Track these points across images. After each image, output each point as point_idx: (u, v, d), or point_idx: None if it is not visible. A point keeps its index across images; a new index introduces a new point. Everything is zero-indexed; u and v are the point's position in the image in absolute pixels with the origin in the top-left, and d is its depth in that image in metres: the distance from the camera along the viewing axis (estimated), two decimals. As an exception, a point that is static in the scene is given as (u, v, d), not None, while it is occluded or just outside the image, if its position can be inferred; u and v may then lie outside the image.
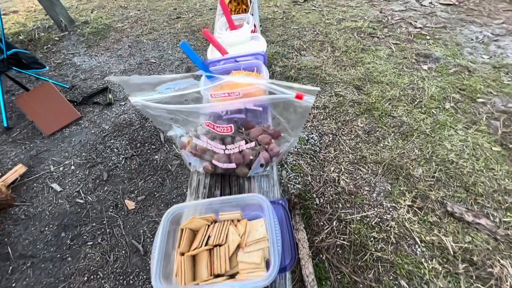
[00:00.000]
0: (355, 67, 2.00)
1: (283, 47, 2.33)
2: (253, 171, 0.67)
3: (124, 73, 2.33)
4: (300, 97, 0.53)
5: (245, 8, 1.32)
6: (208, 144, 0.61)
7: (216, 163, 0.64)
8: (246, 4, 1.33)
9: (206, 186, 0.68)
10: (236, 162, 0.63)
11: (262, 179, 0.67)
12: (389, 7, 2.73)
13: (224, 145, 0.60)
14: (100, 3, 3.58)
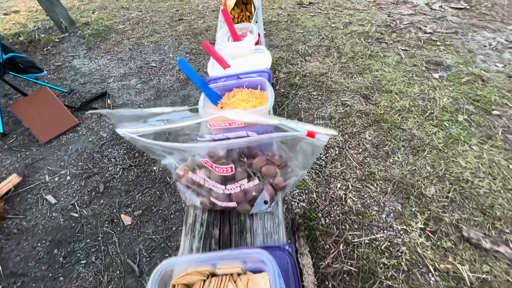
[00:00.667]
0: (363, 74, 1.91)
1: (288, 52, 2.24)
2: (256, 208, 0.59)
3: (124, 77, 2.25)
4: (312, 135, 0.45)
5: (248, 15, 1.24)
6: (205, 181, 0.53)
7: (214, 201, 0.57)
8: (250, 11, 1.25)
9: (203, 223, 0.60)
10: (237, 200, 0.55)
11: (266, 217, 0.60)
12: (397, 11, 2.63)
13: (223, 185, 0.52)
14: (101, 3, 3.50)
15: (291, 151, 0.55)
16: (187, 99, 1.95)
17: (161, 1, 3.40)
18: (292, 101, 1.77)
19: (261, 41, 1.15)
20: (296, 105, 1.74)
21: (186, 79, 2.13)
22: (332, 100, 1.75)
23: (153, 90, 2.08)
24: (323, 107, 1.71)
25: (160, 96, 2.02)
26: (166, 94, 2.03)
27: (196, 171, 0.56)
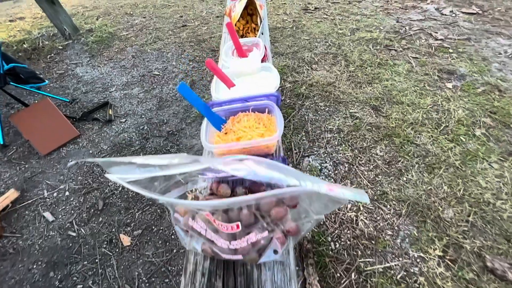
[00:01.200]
0: (372, 84, 1.83)
1: (293, 60, 2.17)
2: (265, 258, 0.52)
3: (126, 85, 2.20)
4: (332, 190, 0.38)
5: (254, 27, 1.17)
6: (207, 233, 0.46)
7: (217, 252, 0.49)
8: (256, 22, 1.18)
9: (205, 272, 0.53)
10: (243, 254, 0.48)
11: (276, 268, 0.52)
12: (406, 16, 2.53)
13: (228, 241, 0.45)
14: (105, 9, 3.47)
15: (307, 198, 0.47)
16: (190, 110, 1.88)
17: (165, 6, 3.35)
18: (299, 113, 1.69)
19: (267, 55, 1.08)
20: (302, 117, 1.67)
21: (189, 88, 2.07)
22: (340, 111, 1.67)
23: (155, 100, 2.02)
24: (331, 119, 1.63)
25: (162, 106, 1.96)
26: (169, 104, 1.96)
27: (196, 218, 0.49)
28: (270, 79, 0.87)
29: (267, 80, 0.87)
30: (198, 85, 2.09)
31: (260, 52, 0.96)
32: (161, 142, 1.70)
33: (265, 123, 0.71)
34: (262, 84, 0.86)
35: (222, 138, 0.72)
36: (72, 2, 3.83)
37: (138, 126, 1.82)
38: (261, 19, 1.13)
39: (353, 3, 2.88)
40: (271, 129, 0.70)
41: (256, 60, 0.93)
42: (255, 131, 0.69)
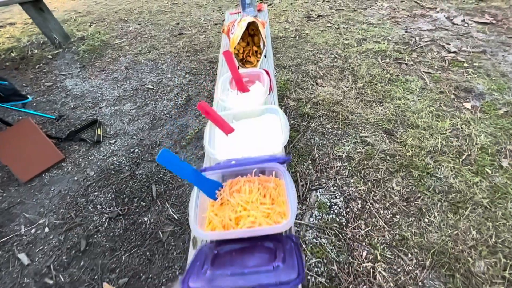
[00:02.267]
0: (383, 103, 1.66)
1: (297, 74, 2.00)
2: None
3: (118, 101, 2.02)
4: None
5: (256, 50, 1.00)
6: None
7: None
8: (258, 44, 1.01)
9: None
10: None
11: None
12: (415, 25, 2.36)
13: None
14: (99, 15, 3.28)
15: None
16: (185, 130, 1.71)
17: (161, 13, 3.17)
18: (304, 136, 1.52)
19: (272, 85, 0.91)
20: (308, 141, 1.50)
21: (184, 105, 1.89)
22: (349, 135, 1.50)
23: (148, 118, 1.85)
24: (340, 144, 1.46)
25: (156, 125, 1.78)
26: (162, 123, 1.79)
27: None
28: (276, 127, 0.69)
29: (273, 127, 0.70)
30: (194, 101, 1.91)
31: (264, 88, 0.79)
32: (153, 168, 1.52)
33: (272, 193, 0.54)
34: (266, 132, 0.69)
35: (216, 211, 0.55)
36: (66, 6, 3.64)
37: (128, 148, 1.65)
38: (264, 42, 0.96)
39: (358, 10, 2.71)
40: (280, 203, 0.53)
41: (259, 97, 0.76)
42: (259, 208, 0.52)
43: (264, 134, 0.69)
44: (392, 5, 2.72)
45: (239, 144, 0.69)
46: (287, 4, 2.99)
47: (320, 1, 2.99)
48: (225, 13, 1.45)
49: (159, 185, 1.43)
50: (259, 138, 0.69)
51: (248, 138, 0.70)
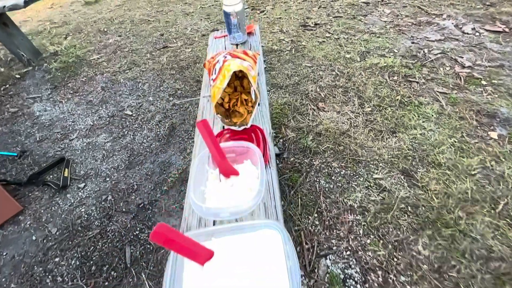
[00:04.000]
0: (396, 133, 1.41)
1: (295, 95, 1.73)
2: None
3: (91, 130, 1.72)
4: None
5: (245, 98, 0.73)
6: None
7: None
8: (248, 89, 0.74)
9: None
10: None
11: None
12: (422, 35, 2.11)
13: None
14: (76, 25, 2.93)
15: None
16: (167, 169, 1.43)
17: (144, 22, 2.84)
18: (307, 179, 1.27)
19: (269, 156, 0.64)
20: (312, 185, 1.24)
21: (167, 137, 1.61)
22: (360, 176, 1.25)
23: (125, 153, 1.56)
24: (350, 189, 1.20)
25: (133, 163, 1.50)
26: (141, 160, 1.51)
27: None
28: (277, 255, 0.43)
29: (271, 257, 0.43)
30: (178, 131, 1.63)
31: (257, 171, 0.52)
32: (128, 222, 1.25)
33: None
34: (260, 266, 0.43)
35: None
36: (41, 16, 3.27)
37: (100, 195, 1.36)
38: (256, 94, 0.68)
39: (358, 17, 2.44)
40: None
41: (251, 187, 0.50)
42: None
43: (257, 267, 0.42)
44: (394, 11, 2.46)
45: (222, 282, 0.43)
46: (281, 11, 2.70)
47: (316, 7, 2.71)
48: (209, 37, 1.17)
49: (135, 247, 1.15)
50: (250, 274, 0.42)
51: (233, 273, 0.43)
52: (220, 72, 0.66)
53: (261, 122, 0.76)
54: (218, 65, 0.69)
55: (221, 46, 1.06)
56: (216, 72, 0.68)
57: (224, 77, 0.63)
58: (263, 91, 0.86)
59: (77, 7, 3.36)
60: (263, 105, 0.81)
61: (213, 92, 0.66)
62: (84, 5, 3.38)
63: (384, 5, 2.55)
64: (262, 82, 0.86)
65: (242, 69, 0.64)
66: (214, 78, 0.68)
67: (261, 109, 0.79)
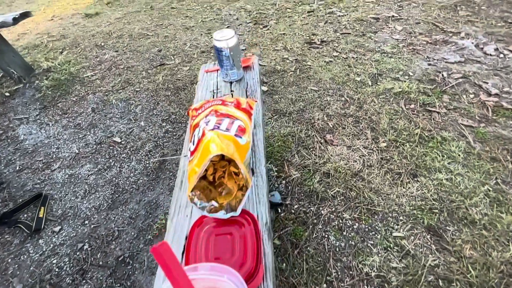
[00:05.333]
0: (418, 177, 1.20)
1: (299, 124, 1.53)
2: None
3: (76, 160, 1.55)
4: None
5: (235, 172, 0.54)
6: None
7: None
8: (236, 166, 0.54)
9: None
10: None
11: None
12: (439, 56, 1.91)
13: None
14: (74, 39, 2.80)
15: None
16: (154, 212, 1.24)
17: (142, 36, 2.69)
18: (314, 233, 1.06)
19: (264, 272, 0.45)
20: (320, 243, 1.04)
21: (156, 171, 1.43)
22: (377, 233, 1.04)
23: (109, 189, 1.38)
24: (366, 251, 0.99)
25: (117, 202, 1.31)
26: (126, 199, 1.32)
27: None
28: None
29: None
30: (169, 164, 1.44)
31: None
32: (104, 280, 1.05)
33: None
34: None
35: None
36: (40, 28, 3.16)
37: (76, 242, 1.18)
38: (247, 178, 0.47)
39: (367, 34, 2.25)
40: None
41: None
42: None
43: None
44: (406, 28, 2.27)
45: None
46: (285, 26, 2.53)
47: (322, 22, 2.53)
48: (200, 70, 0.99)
49: (108, 316, 0.96)
50: None
51: None
52: (199, 146, 0.47)
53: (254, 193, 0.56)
54: (198, 132, 0.51)
55: (212, 83, 0.87)
56: (195, 143, 0.50)
57: (202, 158, 0.45)
58: (258, 141, 0.67)
59: (77, 20, 3.24)
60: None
61: (188, 173, 0.47)
62: (85, 17, 3.26)
63: (395, 21, 2.36)
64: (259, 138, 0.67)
65: (224, 153, 0.45)
66: (192, 150, 0.49)
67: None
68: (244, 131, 0.55)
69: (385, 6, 2.61)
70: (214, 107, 0.58)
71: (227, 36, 0.72)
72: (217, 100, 0.64)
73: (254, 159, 0.62)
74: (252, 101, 0.68)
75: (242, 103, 0.65)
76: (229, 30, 0.75)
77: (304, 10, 2.71)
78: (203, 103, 0.65)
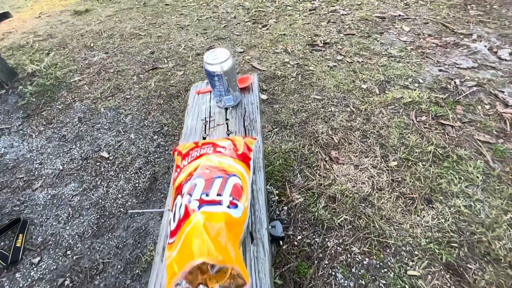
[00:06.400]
0: (433, 203, 1.08)
1: (302, 139, 1.40)
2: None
3: (60, 178, 1.41)
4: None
5: None
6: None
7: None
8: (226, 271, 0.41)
9: None
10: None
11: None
12: (450, 60, 1.76)
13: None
14: (62, 40, 2.61)
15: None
16: (143, 241, 1.12)
17: (134, 36, 2.51)
18: (319, 271, 0.95)
19: None
20: (327, 283, 0.91)
21: (146, 192, 1.30)
22: (390, 269, 0.93)
23: (94, 212, 1.25)
24: (376, 289, 0.89)
25: (102, 229, 1.18)
26: (112, 224, 1.19)
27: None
28: None
29: None
30: (160, 184, 1.31)
31: None
32: (86, 323, 0.95)
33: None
34: None
35: None
36: (26, 26, 2.95)
37: (56, 277, 1.05)
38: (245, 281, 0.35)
39: (372, 36, 2.09)
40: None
41: None
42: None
43: None
44: (414, 28, 2.11)
45: None
46: (286, 26, 2.36)
47: (324, 21, 2.36)
48: (190, 90, 0.85)
49: None
50: None
51: None
52: (180, 230, 0.34)
53: None
54: (180, 208, 0.37)
55: (204, 108, 0.74)
56: (176, 220, 0.36)
57: (183, 257, 0.32)
58: (258, 192, 0.54)
59: (66, 17, 3.03)
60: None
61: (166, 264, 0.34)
62: (73, 15, 3.05)
63: (402, 21, 2.19)
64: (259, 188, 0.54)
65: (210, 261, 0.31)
66: (173, 230, 0.36)
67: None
68: (241, 192, 0.42)
69: (390, 4, 2.43)
70: (203, 158, 0.45)
71: (221, 58, 0.58)
72: (207, 146, 0.51)
73: (253, 219, 0.49)
74: (251, 139, 0.55)
75: (239, 147, 0.51)
76: (223, 50, 0.61)
77: (305, 8, 2.53)
78: (190, 148, 0.51)
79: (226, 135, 0.66)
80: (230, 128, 0.67)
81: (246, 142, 0.55)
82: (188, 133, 0.70)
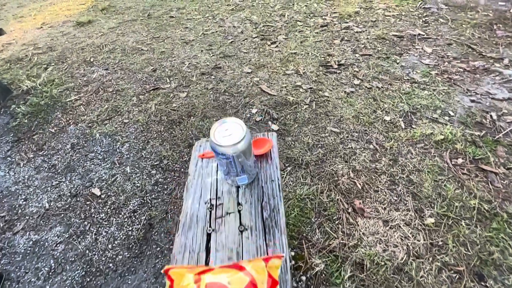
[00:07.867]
0: (485, 280, 0.88)
1: (320, 181, 1.20)
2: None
3: (45, 218, 1.23)
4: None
5: None
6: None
7: None
8: None
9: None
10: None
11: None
12: (482, 89, 1.56)
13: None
14: (61, 53, 2.44)
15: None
16: (133, 311, 0.94)
17: (136, 51, 2.34)
18: None
19: None
20: None
21: (140, 243, 1.11)
22: None
23: (79, 267, 1.06)
24: None
25: (87, 292, 1.00)
26: (99, 285, 1.00)
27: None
28: None
29: None
30: (157, 233, 1.11)
31: None
32: None
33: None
34: None
35: None
36: (27, 38, 2.80)
37: None
38: None
39: (391, 57, 1.89)
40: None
41: None
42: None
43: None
44: (437, 50, 1.91)
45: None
46: (296, 44, 2.17)
47: (338, 39, 2.17)
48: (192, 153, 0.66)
49: None
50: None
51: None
52: None
53: None
54: None
55: (209, 183, 0.54)
56: None
57: None
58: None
59: (68, 29, 2.87)
60: None
61: None
62: (76, 26, 2.90)
63: (422, 40, 1.99)
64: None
65: None
66: None
67: None
68: None
69: (408, 21, 2.24)
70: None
71: (234, 139, 0.39)
72: (207, 275, 0.32)
73: None
74: (276, 262, 0.36)
75: (257, 278, 0.32)
76: (236, 122, 0.42)
77: (316, 24, 2.35)
78: (184, 272, 0.32)
79: (239, 231, 0.47)
80: (244, 220, 0.48)
81: (269, 272, 0.35)
82: (187, 223, 0.51)
